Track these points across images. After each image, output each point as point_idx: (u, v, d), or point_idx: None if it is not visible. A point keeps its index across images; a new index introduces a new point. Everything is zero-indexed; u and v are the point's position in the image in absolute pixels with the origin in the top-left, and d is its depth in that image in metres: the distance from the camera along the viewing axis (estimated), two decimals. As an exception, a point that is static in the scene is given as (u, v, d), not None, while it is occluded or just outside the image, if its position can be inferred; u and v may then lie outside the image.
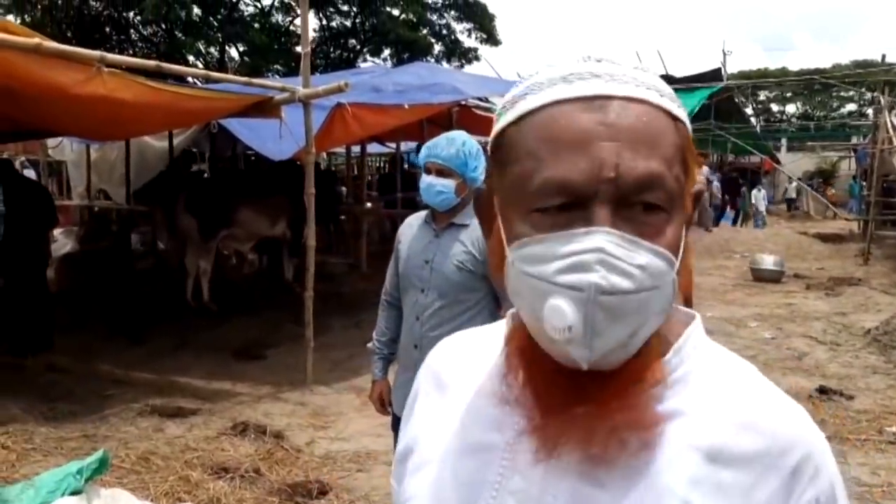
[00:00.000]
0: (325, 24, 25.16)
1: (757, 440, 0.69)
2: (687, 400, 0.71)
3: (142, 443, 4.54)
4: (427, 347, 2.59)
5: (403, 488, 0.84)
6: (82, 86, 4.28)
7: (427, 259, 2.69)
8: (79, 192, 12.02)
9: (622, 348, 0.66)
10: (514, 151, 0.69)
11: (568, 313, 0.63)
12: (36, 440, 4.50)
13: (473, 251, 2.63)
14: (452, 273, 2.63)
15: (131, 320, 7.36)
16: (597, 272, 0.63)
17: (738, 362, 0.77)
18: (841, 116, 43.00)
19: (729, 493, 0.68)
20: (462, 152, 2.64)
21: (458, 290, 2.63)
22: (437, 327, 2.64)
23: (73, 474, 2.78)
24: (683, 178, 0.69)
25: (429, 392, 0.87)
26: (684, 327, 0.76)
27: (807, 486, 0.69)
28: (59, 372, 6.02)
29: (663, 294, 0.66)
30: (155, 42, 23.41)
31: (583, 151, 0.65)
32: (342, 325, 7.73)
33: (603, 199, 0.64)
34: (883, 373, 6.29)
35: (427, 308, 2.67)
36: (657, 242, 0.65)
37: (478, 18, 25.33)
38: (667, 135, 0.68)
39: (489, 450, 0.75)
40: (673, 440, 0.69)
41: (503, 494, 0.73)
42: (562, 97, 0.67)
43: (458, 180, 2.64)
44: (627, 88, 0.67)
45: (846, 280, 10.81)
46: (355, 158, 13.56)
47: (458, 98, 8.16)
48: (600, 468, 0.69)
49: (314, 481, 4.02)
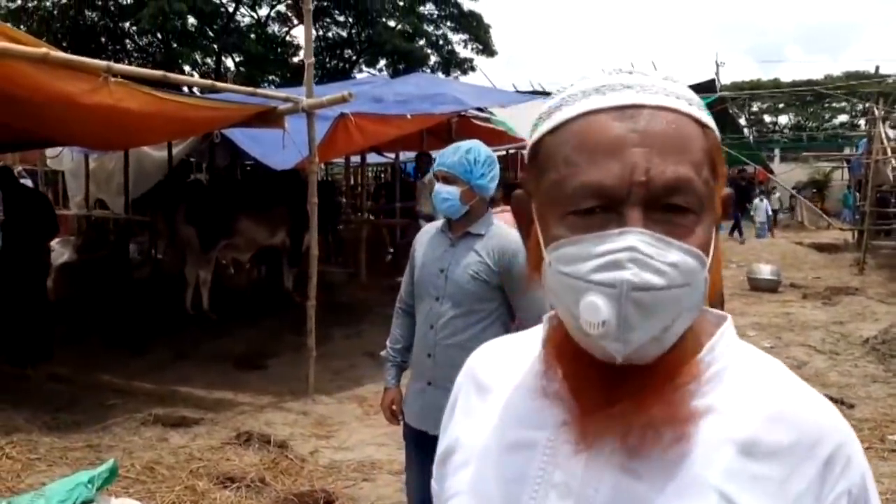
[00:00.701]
0: (322, 35, 25.23)
1: (789, 433, 0.72)
2: (721, 396, 0.74)
3: (146, 452, 4.53)
4: (440, 356, 2.72)
5: (446, 487, 0.86)
6: (89, 95, 4.29)
7: (442, 268, 2.69)
8: (76, 202, 11.98)
9: (656, 342, 0.69)
10: (552, 159, 0.73)
11: (602, 309, 0.67)
12: (40, 450, 4.48)
13: (488, 261, 2.63)
14: (466, 282, 2.63)
15: (131, 330, 7.33)
16: (629, 269, 0.66)
17: (768, 359, 0.80)
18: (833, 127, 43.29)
19: (764, 485, 0.70)
20: (466, 159, 2.65)
21: (471, 300, 2.63)
22: (450, 336, 2.65)
23: (83, 483, 2.78)
24: (712, 181, 0.72)
25: (469, 395, 0.90)
26: (716, 328, 0.79)
27: (839, 476, 0.71)
28: (61, 382, 6.01)
29: (695, 291, 0.69)
30: (151, 52, 23.45)
31: (616, 157, 0.69)
32: (342, 334, 7.73)
33: (635, 202, 0.68)
34: (882, 381, 6.32)
35: (441, 317, 2.67)
36: (688, 242, 0.69)
37: (473, 29, 25.47)
38: (695, 141, 0.71)
39: (531, 446, 0.78)
40: (708, 434, 0.72)
41: (545, 488, 0.75)
42: (596, 107, 0.71)
43: (464, 187, 2.64)
44: (658, 98, 0.71)
45: (843, 289, 10.87)
46: (354, 168, 13.58)
47: (459, 108, 8.20)
48: (638, 461, 0.72)
49: (320, 491, 4.02)
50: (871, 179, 13.75)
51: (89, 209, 11.22)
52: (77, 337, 7.17)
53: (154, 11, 18.98)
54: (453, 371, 2.70)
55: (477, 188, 2.66)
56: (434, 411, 2.63)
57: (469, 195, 2.66)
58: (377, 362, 6.86)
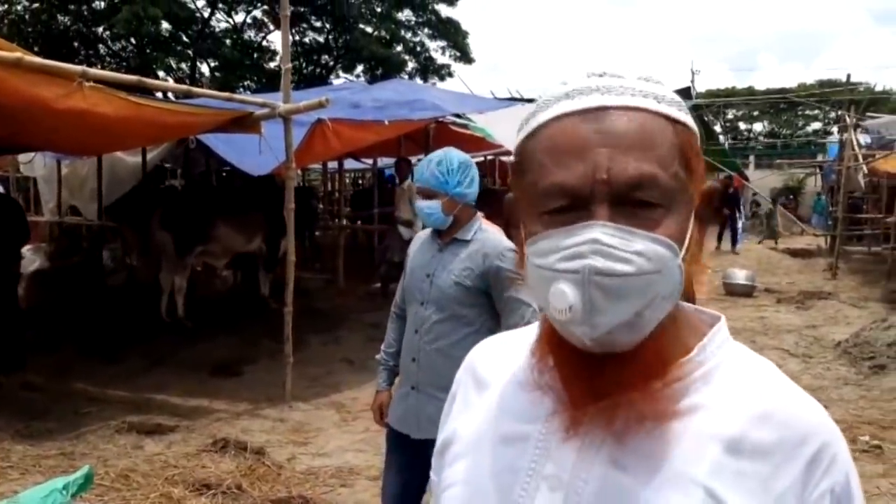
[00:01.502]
0: (299, 41, 25.15)
1: (775, 431, 0.73)
2: (710, 394, 0.76)
3: (121, 460, 4.48)
4: (424, 361, 2.73)
5: (443, 478, 0.89)
6: (63, 100, 4.25)
7: (428, 273, 2.71)
8: (49, 208, 11.82)
9: (628, 328, 0.71)
10: (528, 162, 0.78)
11: (568, 294, 0.70)
12: (13, 458, 4.42)
13: (472, 265, 2.63)
14: (449, 287, 2.63)
15: (105, 338, 7.25)
16: (591, 258, 0.70)
17: (760, 360, 0.82)
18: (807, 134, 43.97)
19: (749, 482, 0.72)
20: (438, 171, 2.66)
21: (454, 305, 2.63)
22: (433, 341, 2.64)
23: (58, 490, 2.73)
24: (685, 175, 0.75)
25: (468, 389, 0.93)
26: (709, 328, 0.82)
27: (823, 475, 0.73)
28: (34, 390, 5.92)
29: (667, 278, 0.72)
30: (125, 58, 23.22)
31: (580, 158, 0.72)
32: (320, 340, 7.70)
33: (600, 199, 0.72)
34: (854, 384, 6.42)
35: (425, 321, 2.67)
36: (656, 233, 0.71)
37: (451, 36, 25.52)
38: (662, 137, 0.74)
39: (524, 439, 0.80)
40: (696, 431, 0.74)
41: (537, 480, 0.78)
42: (564, 111, 0.75)
43: (444, 198, 2.64)
44: (623, 99, 0.74)
45: (816, 294, 11.02)
46: (332, 173, 13.55)
47: (437, 114, 8.23)
48: (627, 455, 0.74)
49: (297, 497, 4.00)
50: (843, 186, 13.96)
51: (62, 215, 11.08)
52: (50, 345, 7.07)
53: (128, 16, 18.78)
54: (436, 376, 2.50)
55: (457, 197, 2.67)
56: (415, 415, 2.66)
57: (450, 205, 2.66)
58: (355, 368, 6.86)
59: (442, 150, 2.77)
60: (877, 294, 11.19)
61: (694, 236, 0.76)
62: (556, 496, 0.76)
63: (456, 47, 25.74)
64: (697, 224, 0.78)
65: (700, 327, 0.82)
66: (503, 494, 0.79)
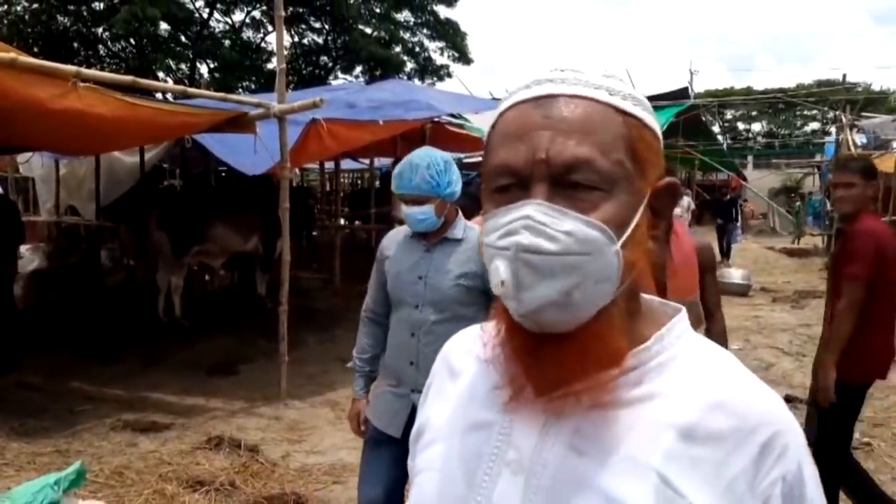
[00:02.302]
0: (297, 41, 25.19)
1: (728, 419, 0.75)
2: (665, 383, 0.78)
3: (115, 457, 4.52)
4: (424, 364, 2.60)
5: (416, 463, 0.93)
6: (58, 100, 4.28)
7: (420, 275, 2.62)
8: (47, 209, 11.85)
9: (557, 307, 0.74)
10: (486, 148, 0.83)
11: (501, 270, 0.74)
12: (7, 455, 4.45)
13: (473, 267, 2.58)
14: (449, 288, 2.57)
15: (102, 337, 7.28)
16: (521, 234, 0.73)
17: (718, 351, 0.84)
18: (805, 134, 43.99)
19: (702, 468, 0.74)
20: (428, 175, 2.56)
21: (455, 305, 2.58)
22: (434, 342, 2.55)
23: (50, 486, 2.77)
24: (631, 165, 0.77)
25: (443, 378, 0.97)
26: (669, 319, 0.84)
27: (774, 463, 0.74)
28: (30, 389, 5.95)
29: (600, 262, 0.74)
30: (124, 58, 23.24)
31: (524, 140, 0.77)
32: (316, 339, 7.74)
33: (539, 178, 0.75)
34: (846, 382, 6.44)
35: (423, 324, 2.60)
36: (590, 216, 0.74)
37: (450, 37, 25.55)
38: (606, 125, 0.77)
39: (489, 426, 0.84)
40: (651, 419, 0.76)
41: (499, 465, 0.81)
42: (520, 100, 0.80)
43: (435, 201, 2.58)
44: (574, 88, 0.78)
45: (811, 293, 11.05)
46: (329, 174, 13.59)
47: (432, 114, 8.25)
48: (584, 441, 0.77)
49: (290, 494, 4.03)
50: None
51: (60, 215, 11.12)
52: (47, 344, 7.09)
53: (127, 17, 18.80)
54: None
55: (448, 197, 2.61)
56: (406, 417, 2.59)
57: (442, 207, 2.62)
58: (350, 367, 6.88)
59: (420, 151, 2.65)
60: (872, 293, 11.20)
61: (641, 227, 0.78)
62: (518, 480, 0.78)
63: (454, 48, 25.77)
64: (650, 217, 0.80)
65: (661, 319, 0.84)
66: (469, 479, 0.82)
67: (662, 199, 0.82)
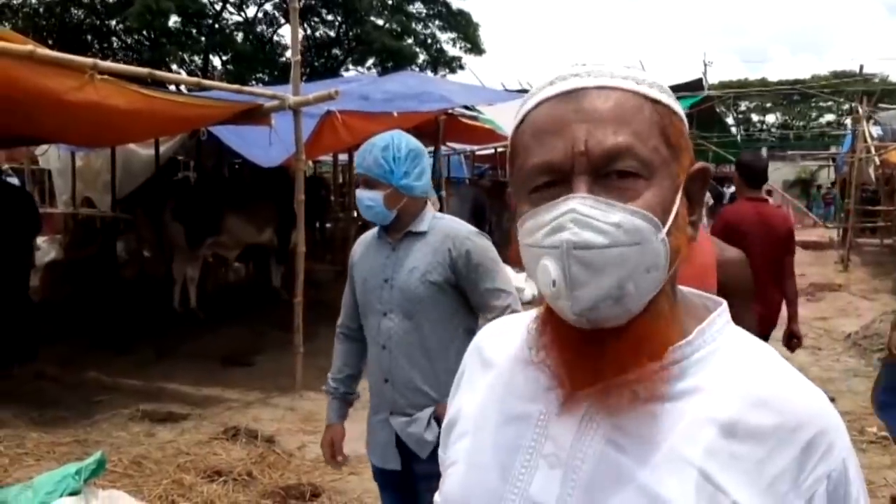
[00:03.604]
0: (310, 34, 25.20)
1: (772, 416, 0.74)
2: (707, 377, 0.77)
3: (134, 447, 4.55)
4: (398, 380, 2.36)
5: (448, 454, 0.92)
6: (75, 92, 4.30)
7: (386, 277, 2.33)
8: (63, 201, 11.94)
9: (611, 301, 0.73)
10: (517, 149, 0.81)
11: (551, 269, 0.73)
12: (28, 445, 4.50)
13: (438, 257, 2.29)
14: (416, 287, 2.27)
15: (118, 328, 7.33)
16: (570, 230, 0.72)
17: (760, 345, 0.82)
18: (820, 126, 43.60)
19: (743, 465, 0.72)
20: (383, 158, 2.27)
21: (425, 307, 2.28)
22: (406, 354, 2.29)
23: (71, 475, 2.80)
24: (667, 151, 0.77)
25: (474, 369, 0.96)
26: (710, 312, 0.83)
27: (818, 461, 0.73)
28: (47, 380, 6.01)
29: (648, 251, 0.73)
30: (138, 51, 23.35)
31: (559, 135, 0.76)
32: (330, 331, 7.63)
33: (580, 172, 0.74)
34: (863, 375, 6.41)
35: (393, 334, 2.30)
36: (635, 204, 0.73)
37: (462, 28, 25.51)
38: (639, 113, 0.77)
39: (525, 418, 0.83)
40: (692, 414, 0.75)
41: (536, 458, 0.80)
42: (546, 96, 0.79)
43: (387, 190, 2.27)
44: (601, 80, 0.78)
45: (826, 286, 10.98)
46: (342, 166, 13.59)
47: (445, 106, 8.23)
48: (623, 436, 0.76)
49: (307, 484, 4.06)
50: (854, 178, 13.88)
51: (76, 207, 11.19)
52: (64, 335, 7.16)
53: (141, 10, 18.91)
54: (416, 395, 2.37)
55: (403, 189, 2.29)
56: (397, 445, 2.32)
57: (394, 198, 2.29)
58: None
59: (390, 132, 2.36)
60: (888, 286, 11.13)
61: (682, 213, 0.78)
62: (555, 474, 0.78)
63: (466, 39, 25.72)
64: (687, 203, 0.80)
65: (702, 312, 0.83)
66: (504, 472, 0.81)
67: (696, 184, 0.82)
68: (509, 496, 0.80)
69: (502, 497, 0.81)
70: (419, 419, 2.29)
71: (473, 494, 0.84)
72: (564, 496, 0.77)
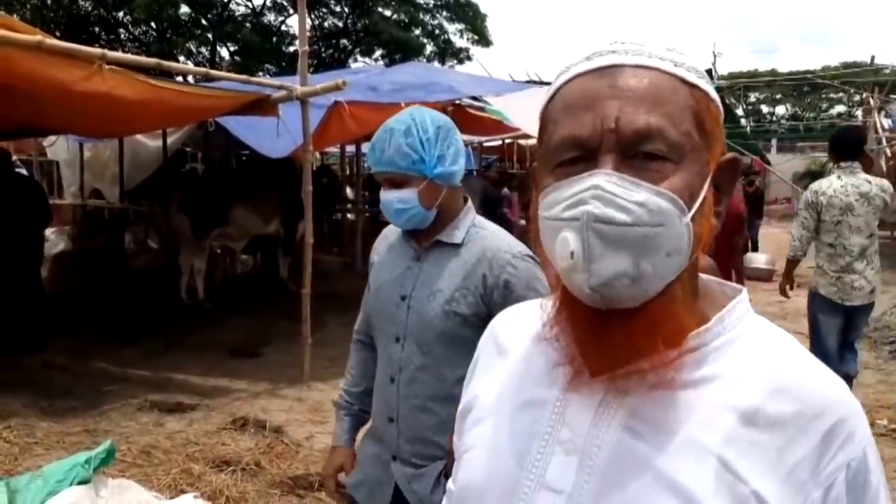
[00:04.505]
0: (318, 24, 25.15)
1: (792, 404, 0.73)
2: (727, 365, 0.76)
3: (143, 437, 4.57)
4: (405, 422, 1.89)
5: (463, 441, 0.91)
6: (83, 83, 4.30)
7: (404, 294, 1.87)
8: (71, 192, 11.97)
9: (627, 280, 0.71)
10: (545, 124, 0.80)
11: (570, 241, 0.72)
12: (37, 434, 4.52)
13: (469, 284, 1.81)
14: (436, 316, 1.81)
15: (126, 319, 7.36)
16: (591, 204, 0.71)
17: (781, 333, 0.81)
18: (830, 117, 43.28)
19: (763, 453, 0.72)
20: (408, 146, 1.79)
21: (444, 344, 1.81)
22: (417, 396, 1.86)
23: (80, 464, 2.80)
24: (698, 137, 0.75)
25: (490, 354, 0.95)
26: (730, 300, 0.82)
27: (838, 450, 0.72)
28: (57, 370, 6.04)
29: (671, 234, 0.72)
30: (145, 42, 23.37)
31: (590, 110, 0.74)
32: (338, 322, 7.73)
33: (608, 149, 0.73)
34: (874, 368, 6.39)
35: (404, 367, 1.87)
36: (662, 187, 0.72)
37: (469, 19, 25.39)
38: (674, 96, 0.75)
39: (541, 404, 0.82)
40: (711, 401, 0.74)
41: (552, 444, 0.79)
42: (581, 71, 0.78)
43: (421, 184, 1.80)
44: (638, 59, 0.76)
45: (836, 278, 10.90)
46: (350, 157, 13.59)
47: (453, 97, 8.20)
48: (641, 422, 0.75)
49: (314, 474, 4.06)
50: (865, 169, 13.78)
51: (84, 198, 11.22)
52: (73, 326, 7.19)
53: (149, 1, 18.89)
54: (425, 446, 1.88)
55: (441, 179, 1.82)
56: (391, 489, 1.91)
57: (432, 193, 1.82)
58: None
59: (407, 110, 1.88)
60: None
61: (708, 201, 0.77)
62: (571, 460, 0.77)
63: (474, 30, 25.61)
64: (714, 192, 0.79)
65: (721, 299, 0.82)
66: (520, 458, 0.81)
67: (725, 175, 0.80)
68: (525, 482, 0.80)
69: (518, 483, 0.80)
70: (426, 475, 1.86)
71: (489, 481, 0.83)
72: (581, 483, 0.76)
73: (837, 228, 4.64)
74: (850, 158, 4.67)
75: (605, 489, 0.75)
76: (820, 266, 4.80)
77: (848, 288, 4.66)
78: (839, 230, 4.63)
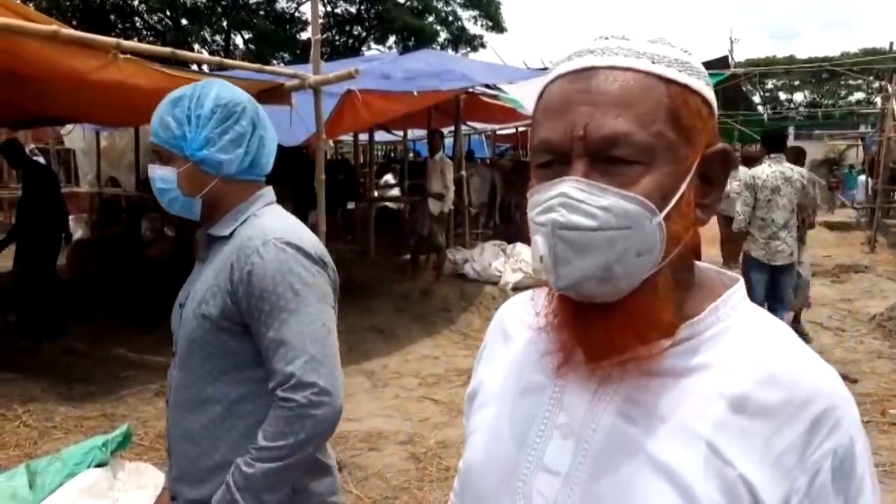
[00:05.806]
0: (331, 11, 25.13)
1: (780, 392, 0.75)
2: (719, 354, 0.79)
3: (159, 421, 4.63)
4: (175, 453, 1.58)
5: (469, 424, 0.96)
6: (98, 72, 4.32)
7: (181, 302, 1.65)
8: (88, 180, 12.10)
9: (598, 281, 0.74)
10: (533, 122, 0.83)
11: (540, 245, 0.76)
12: (56, 419, 4.61)
13: (219, 281, 1.52)
14: (189, 323, 1.55)
15: (143, 306, 7.44)
16: (558, 212, 0.74)
17: (774, 322, 0.83)
18: (848, 104, 42.82)
19: (751, 439, 0.74)
20: (171, 117, 1.55)
21: (200, 357, 1.53)
22: (179, 422, 1.58)
23: (98, 447, 2.87)
24: (674, 135, 0.76)
25: (496, 342, 1.00)
26: (725, 290, 0.84)
27: (825, 437, 0.74)
28: (76, 356, 6.13)
29: (640, 235, 0.74)
30: (160, 30, 23.45)
31: (563, 115, 0.77)
32: (352, 309, 7.79)
33: (578, 154, 0.76)
34: (887, 357, 6.36)
35: (171, 383, 1.63)
36: (630, 190, 0.74)
37: (483, 6, 25.26)
38: (646, 96, 0.76)
39: (541, 390, 0.86)
40: (702, 389, 0.77)
41: (550, 428, 0.83)
42: (561, 73, 0.80)
43: (183, 165, 1.56)
44: (615, 59, 0.77)
45: (852, 267, 10.86)
46: (363, 145, 13.61)
47: (466, 85, 8.20)
48: (635, 408, 0.78)
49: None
50: (883, 158, 13.64)
51: (101, 187, 11.33)
52: (92, 312, 7.28)
53: (164, -11, 18.94)
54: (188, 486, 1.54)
55: (206, 165, 1.55)
56: None
57: (194, 177, 1.56)
58: (385, 337, 6.98)
59: (194, 84, 1.61)
60: (916, 267, 10.98)
61: (688, 197, 0.77)
62: (568, 443, 0.81)
63: (488, 17, 25.48)
64: (699, 186, 0.80)
65: (718, 289, 0.84)
66: (520, 441, 0.85)
67: (714, 167, 0.81)
68: (524, 464, 0.83)
69: (518, 464, 0.84)
70: None
71: (491, 462, 0.87)
72: (576, 465, 0.80)
73: (768, 205, 5.81)
74: (777, 151, 5.97)
75: (599, 471, 0.78)
76: (752, 234, 5.89)
77: (773, 251, 5.81)
78: (769, 206, 5.81)
